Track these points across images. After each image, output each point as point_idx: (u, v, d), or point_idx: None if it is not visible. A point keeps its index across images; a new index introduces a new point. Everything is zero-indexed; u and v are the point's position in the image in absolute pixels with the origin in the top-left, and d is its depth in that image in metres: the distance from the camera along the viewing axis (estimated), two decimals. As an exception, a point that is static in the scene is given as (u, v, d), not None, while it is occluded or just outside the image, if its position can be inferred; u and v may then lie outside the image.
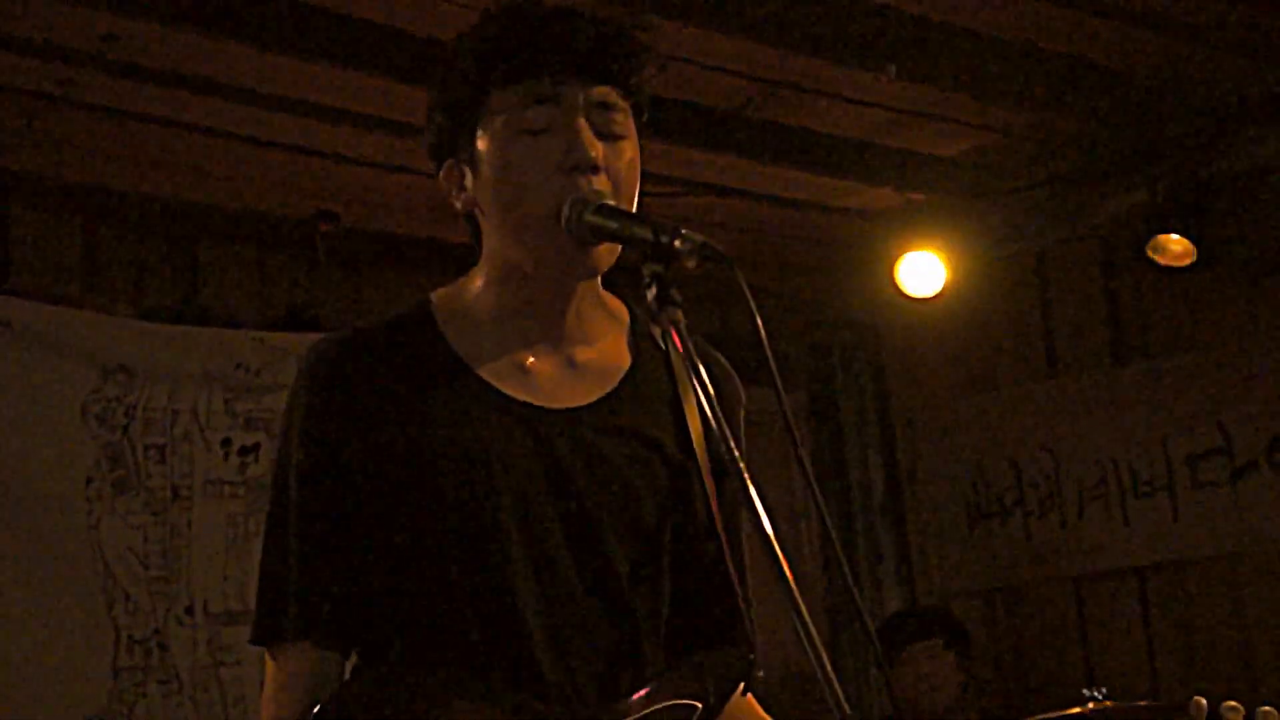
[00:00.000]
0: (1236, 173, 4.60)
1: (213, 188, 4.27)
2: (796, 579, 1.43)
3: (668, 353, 1.84)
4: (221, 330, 4.36)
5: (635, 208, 1.75)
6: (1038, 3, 3.84)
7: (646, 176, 5.19)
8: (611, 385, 1.82)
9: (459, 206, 1.82)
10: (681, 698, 1.74)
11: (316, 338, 1.89)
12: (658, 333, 1.77)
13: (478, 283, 1.83)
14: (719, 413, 1.52)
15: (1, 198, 4.13)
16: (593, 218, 1.66)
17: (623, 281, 1.84)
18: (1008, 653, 5.18)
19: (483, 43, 1.76)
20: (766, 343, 1.51)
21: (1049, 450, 5.15)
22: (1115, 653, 4.94)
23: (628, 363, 1.85)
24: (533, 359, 1.80)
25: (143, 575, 4.14)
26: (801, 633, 1.41)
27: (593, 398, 1.80)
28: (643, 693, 1.74)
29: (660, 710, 1.72)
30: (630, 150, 1.75)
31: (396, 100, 3.71)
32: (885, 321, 5.59)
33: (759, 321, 1.51)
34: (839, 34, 3.88)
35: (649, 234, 1.58)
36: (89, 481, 4.12)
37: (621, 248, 1.71)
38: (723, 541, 1.82)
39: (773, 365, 1.52)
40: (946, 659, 4.56)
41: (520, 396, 1.76)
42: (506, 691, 1.67)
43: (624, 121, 1.75)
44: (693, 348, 1.54)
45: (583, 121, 1.71)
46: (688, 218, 4.66)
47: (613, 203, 1.69)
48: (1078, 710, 2.69)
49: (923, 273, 4.94)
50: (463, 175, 1.79)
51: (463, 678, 1.67)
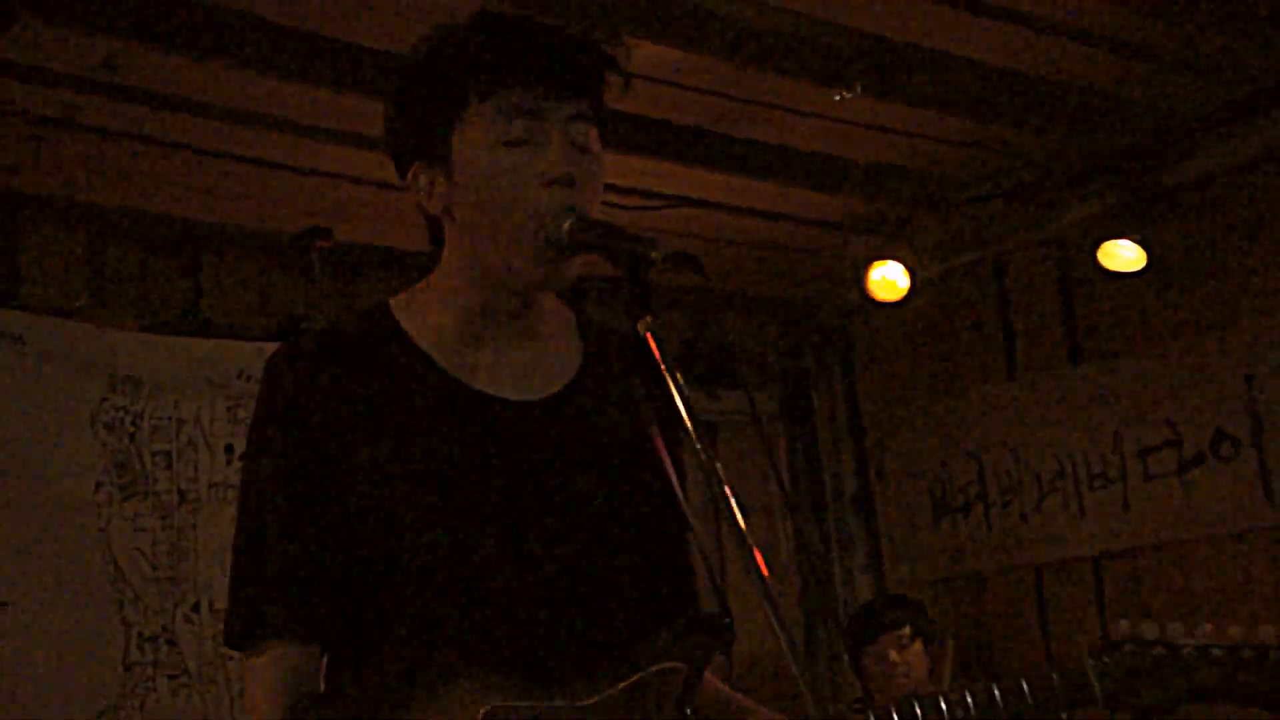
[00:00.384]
0: (1182, 184, 4.61)
1: (213, 206, 4.26)
2: (771, 571, 1.44)
3: (613, 351, 1.88)
4: (223, 341, 4.35)
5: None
6: (995, 24, 3.83)
7: (628, 190, 5.11)
8: (567, 380, 1.82)
9: (430, 209, 1.79)
10: (667, 661, 1.73)
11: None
12: (612, 336, 1.89)
13: (442, 284, 1.82)
14: (691, 409, 1.51)
15: (11, 217, 4.14)
16: (574, 230, 1.66)
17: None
18: (971, 638, 5.15)
19: (465, 51, 1.74)
20: (738, 348, 1.53)
21: (1009, 446, 5.17)
22: (1073, 636, 4.91)
23: (579, 360, 1.85)
24: (496, 355, 1.80)
25: (151, 575, 4.14)
26: (774, 623, 1.41)
27: (552, 391, 1.80)
28: (628, 662, 1.73)
29: (650, 675, 1.71)
30: (598, 162, 1.74)
31: (389, 122, 3.73)
32: (855, 325, 5.61)
33: (731, 328, 1.53)
34: (807, 53, 3.88)
35: (626, 245, 1.59)
36: (99, 487, 4.12)
37: (595, 258, 1.69)
38: (686, 521, 1.82)
39: (745, 370, 1.52)
40: (914, 647, 4.54)
41: (488, 390, 1.76)
42: (503, 672, 1.65)
43: (594, 135, 1.74)
44: (659, 350, 1.53)
45: (561, 136, 1.71)
46: (666, 229, 4.67)
47: (591, 215, 1.69)
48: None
49: (889, 279, 4.92)
50: (432, 180, 1.76)
51: (458, 662, 1.65)
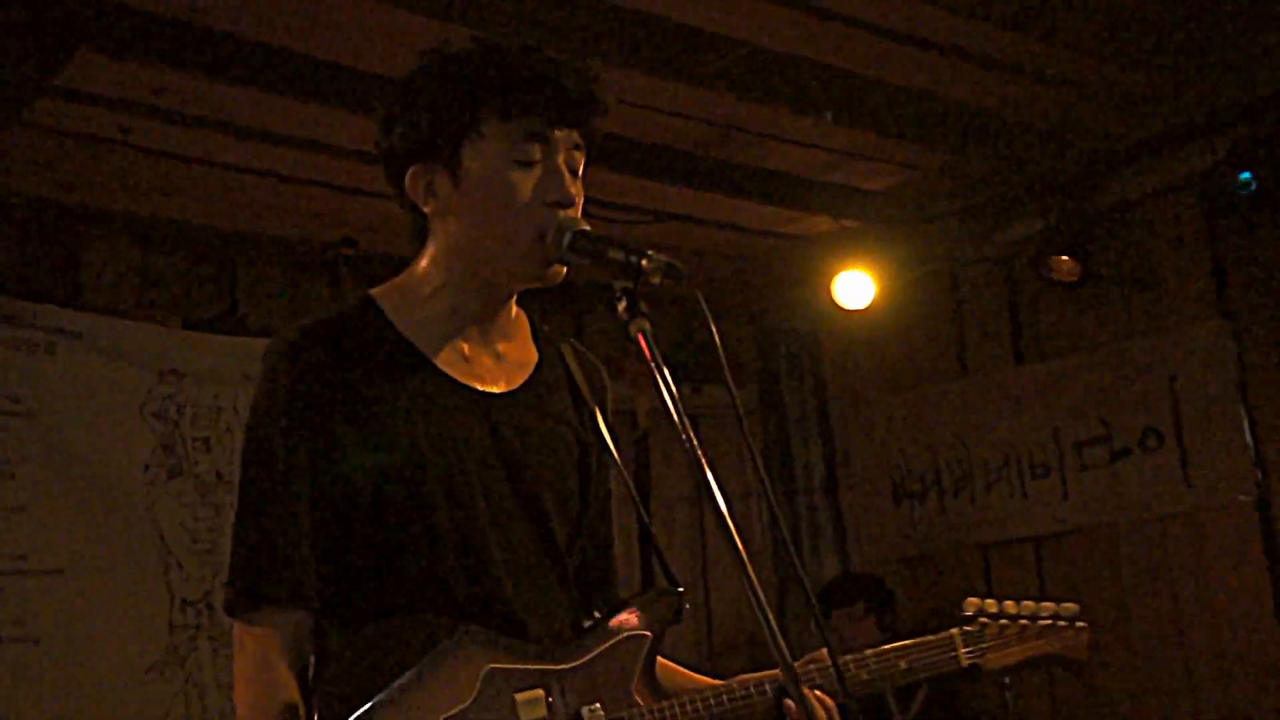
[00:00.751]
0: (1114, 205, 4.62)
1: (249, 217, 4.28)
2: (747, 550, 1.46)
3: (557, 352, 1.90)
4: (257, 339, 4.29)
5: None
6: (950, 62, 3.85)
7: (622, 206, 5.11)
8: (527, 375, 1.83)
9: (428, 205, 1.75)
10: (636, 630, 1.76)
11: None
12: (557, 335, 1.92)
13: (429, 281, 1.78)
14: (671, 397, 1.51)
15: (72, 230, 4.14)
16: (575, 242, 1.67)
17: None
18: (927, 610, 5.10)
19: (489, 73, 1.72)
20: (720, 348, 1.54)
21: (960, 439, 5.17)
22: None
23: (535, 357, 1.86)
24: (470, 350, 1.79)
25: (192, 547, 4.16)
26: (750, 596, 1.43)
27: (516, 384, 1.81)
28: (598, 628, 1.75)
29: (619, 642, 1.74)
30: (581, 185, 1.76)
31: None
32: (823, 329, 5.61)
33: (714, 330, 1.54)
34: (784, 86, 3.89)
35: (620, 255, 1.59)
36: (146, 468, 4.13)
37: (576, 267, 1.72)
38: (609, 504, 1.90)
39: (726, 368, 1.54)
40: (866, 622, 4.53)
41: (466, 381, 1.76)
42: (497, 633, 1.67)
43: (583, 160, 1.76)
44: (650, 350, 1.54)
45: (563, 162, 1.72)
46: (656, 242, 4.69)
47: (588, 229, 1.69)
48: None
49: (855, 288, 4.95)
50: (431, 181, 1.74)
51: (453, 625, 1.65)
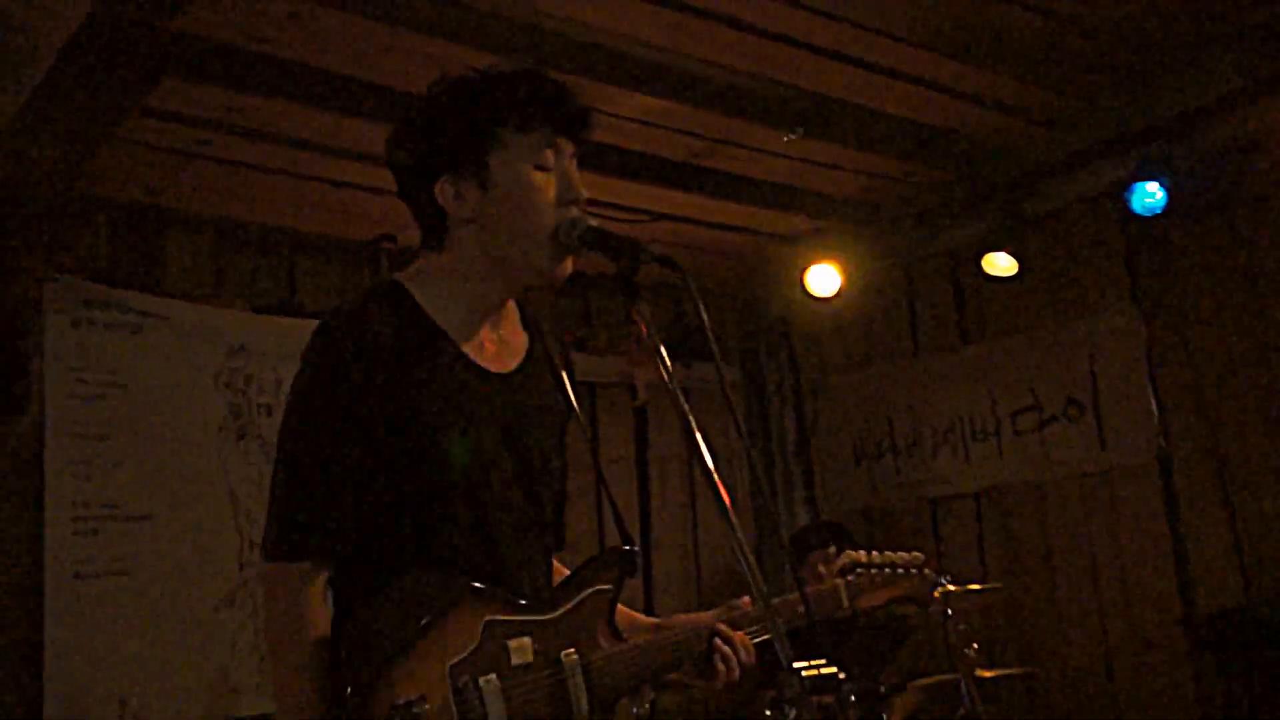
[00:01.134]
0: (1045, 211, 4.61)
1: (306, 217, 4.28)
2: (731, 503, 1.49)
3: (543, 338, 1.88)
4: (312, 321, 4.20)
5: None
6: (904, 86, 3.87)
7: (624, 208, 5.08)
8: (522, 357, 1.82)
9: (457, 210, 1.72)
10: (602, 584, 1.77)
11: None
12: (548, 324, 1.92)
13: (455, 272, 1.75)
14: (666, 371, 1.53)
15: (158, 229, 4.14)
16: (584, 235, 1.69)
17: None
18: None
19: (503, 94, 1.71)
20: (710, 330, 1.56)
21: (912, 408, 5.19)
22: (959, 552, 4.95)
23: (526, 341, 1.85)
24: (484, 335, 1.77)
25: (258, 497, 4.12)
26: (734, 542, 1.48)
27: (514, 365, 1.80)
28: (570, 583, 1.75)
29: (589, 595, 1.74)
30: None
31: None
32: (797, 315, 5.58)
33: (704, 315, 1.55)
34: (763, 104, 3.90)
35: (623, 247, 1.61)
36: (219, 431, 4.14)
37: (589, 261, 1.71)
38: (598, 470, 1.93)
39: (714, 347, 1.58)
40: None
41: (480, 362, 1.74)
42: (494, 588, 1.66)
43: (577, 168, 1.77)
44: (648, 330, 1.54)
45: (569, 167, 1.73)
46: (653, 238, 4.67)
47: (595, 224, 1.70)
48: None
49: (823, 280, 4.96)
50: (459, 189, 1.71)
51: (460, 581, 1.64)
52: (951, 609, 3.75)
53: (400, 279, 1.76)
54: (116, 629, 3.72)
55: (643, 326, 1.55)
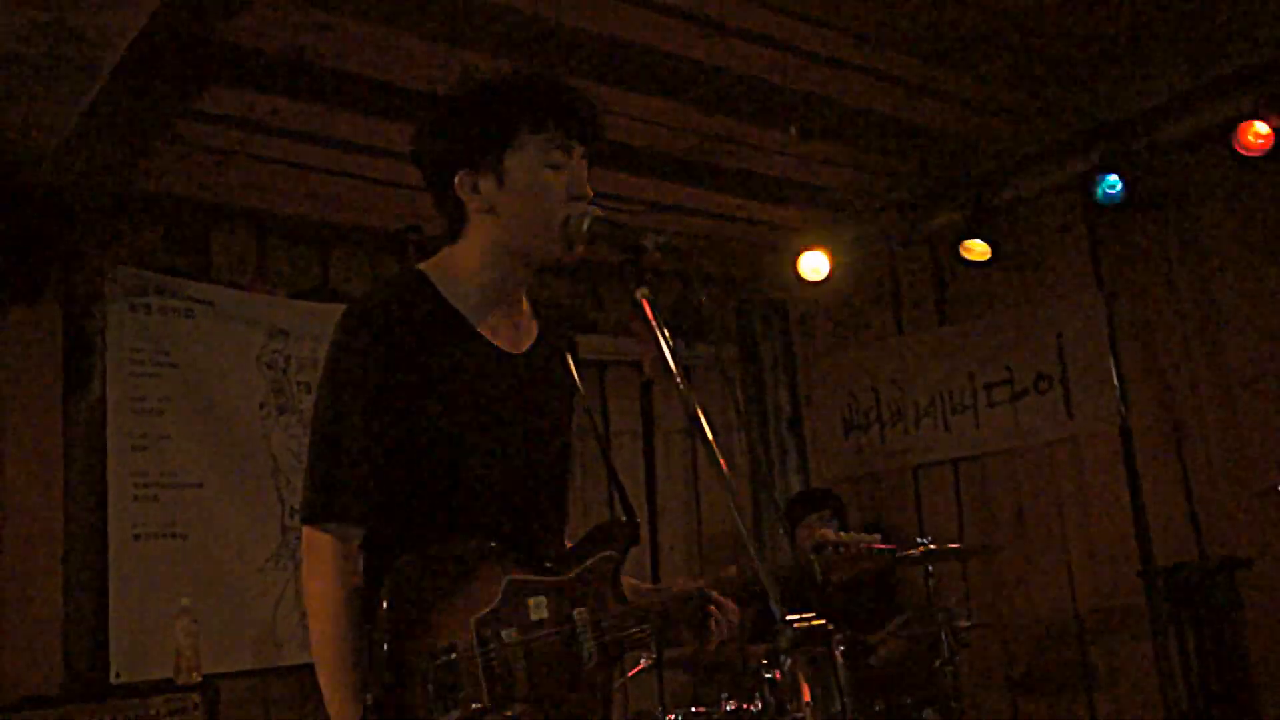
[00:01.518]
0: (1016, 201, 4.62)
1: (340, 211, 4.27)
2: (729, 472, 1.48)
3: (552, 323, 1.88)
4: (346, 304, 4.24)
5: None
6: (888, 87, 3.87)
7: (629, 200, 5.01)
8: (533, 340, 1.81)
9: (473, 202, 1.72)
10: (609, 550, 1.77)
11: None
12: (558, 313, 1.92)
13: (471, 261, 1.75)
14: (669, 350, 1.52)
15: (205, 221, 4.16)
16: (593, 226, 1.69)
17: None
18: (870, 518, 5.18)
19: (520, 96, 1.71)
20: (708, 312, 1.61)
21: (897, 383, 5.17)
22: (938, 514, 4.96)
23: (537, 326, 1.84)
24: (499, 319, 1.77)
25: (297, 467, 4.11)
26: (731, 507, 1.47)
27: (526, 347, 1.79)
28: (581, 549, 1.75)
29: (597, 560, 1.75)
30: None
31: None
32: (790, 297, 5.56)
33: (703, 297, 1.61)
34: (759, 105, 3.89)
35: (629, 236, 1.61)
36: (262, 406, 4.16)
37: (592, 247, 1.71)
38: (603, 448, 1.93)
39: (712, 327, 1.59)
40: (831, 526, 4.35)
41: (498, 345, 1.75)
42: (514, 550, 1.67)
43: (587, 168, 1.78)
44: (652, 313, 1.54)
45: (580, 166, 1.73)
46: (657, 228, 4.73)
47: (602, 215, 1.70)
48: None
49: (815, 265, 4.96)
50: (476, 183, 1.71)
51: (485, 544, 1.64)
52: (932, 566, 3.82)
53: (423, 268, 1.76)
54: (172, 585, 3.77)
55: (647, 309, 1.54)
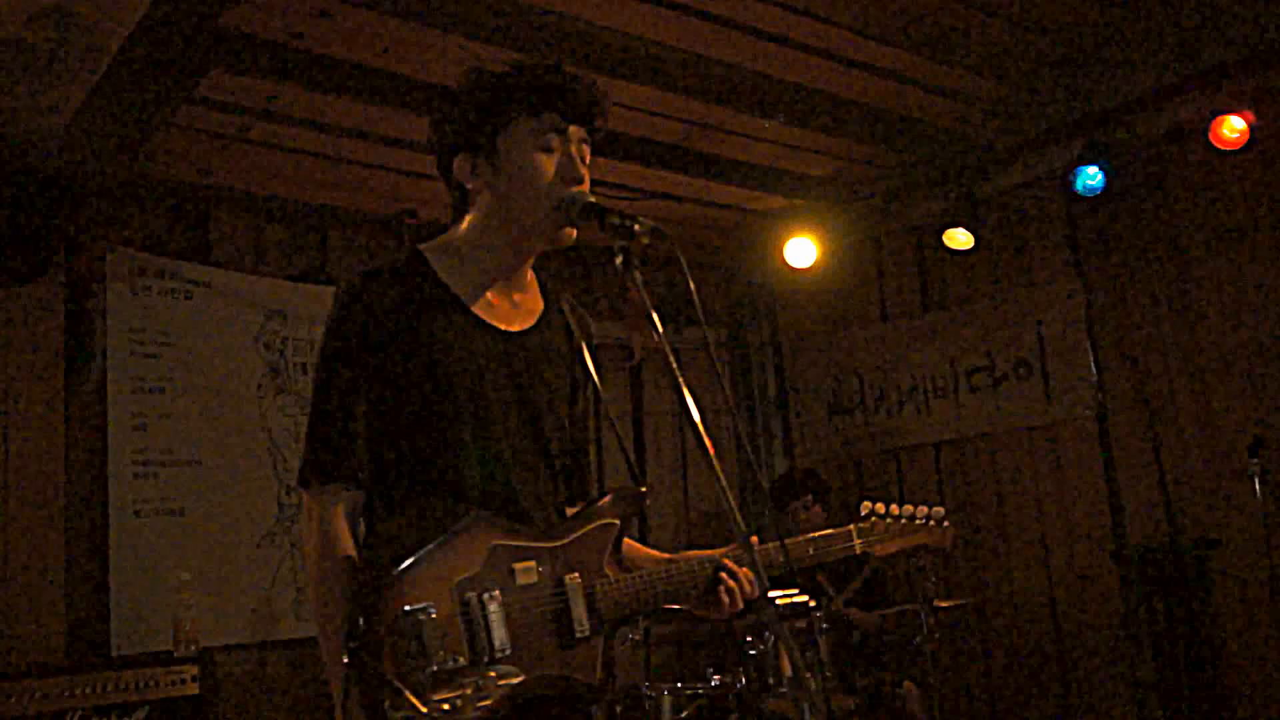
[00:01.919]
0: (998, 191, 4.64)
1: (337, 195, 4.28)
2: (716, 453, 1.47)
3: (557, 302, 1.87)
4: None
5: None
6: (874, 78, 3.91)
7: (621, 186, 5.03)
8: (535, 318, 1.81)
9: (471, 183, 1.74)
10: (608, 518, 1.75)
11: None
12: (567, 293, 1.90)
13: (469, 242, 1.76)
14: (658, 333, 1.53)
15: (205, 204, 4.17)
16: (584, 210, 1.68)
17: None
18: (854, 499, 5.14)
19: (518, 83, 1.72)
20: (696, 297, 1.58)
21: (880, 368, 5.20)
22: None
23: (541, 305, 1.84)
24: (495, 297, 1.77)
25: (294, 446, 4.18)
26: (719, 488, 1.46)
27: (527, 325, 1.79)
28: (579, 516, 1.73)
29: (595, 527, 1.72)
30: (589, 170, 1.77)
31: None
32: (776, 283, 5.59)
33: (691, 282, 1.57)
34: (746, 93, 3.91)
35: (618, 220, 1.61)
36: (259, 386, 4.18)
37: (588, 233, 1.71)
38: (611, 423, 1.90)
39: (700, 311, 1.60)
40: (815, 508, 4.46)
41: (491, 322, 1.75)
42: (502, 517, 1.66)
43: (588, 151, 1.77)
44: (642, 296, 1.55)
45: (575, 150, 1.73)
46: (646, 213, 4.75)
47: (594, 200, 1.70)
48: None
49: (801, 252, 4.97)
50: (475, 165, 1.74)
51: (472, 509, 1.64)
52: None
53: (422, 248, 1.78)
54: (171, 561, 3.80)
55: (636, 293, 1.54)
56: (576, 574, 1.66)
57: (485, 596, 1.58)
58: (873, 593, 4.27)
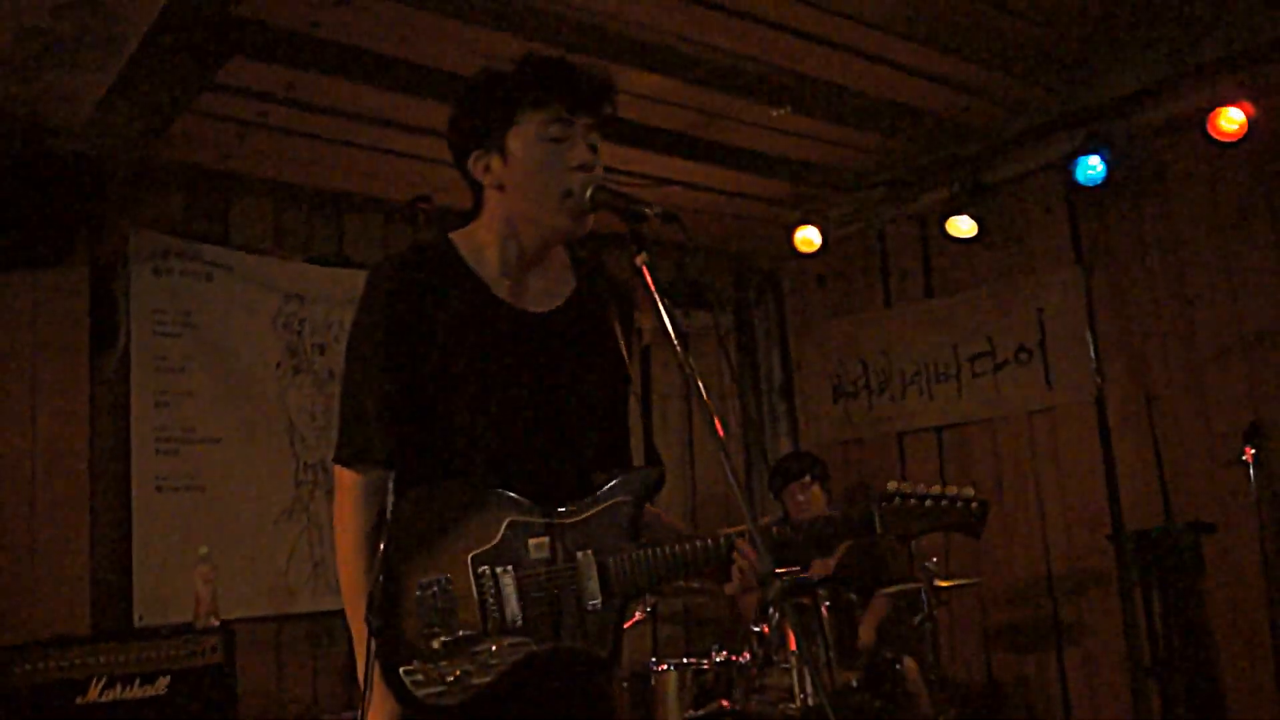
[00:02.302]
0: (1001, 180, 4.63)
1: (353, 180, 4.29)
2: (723, 435, 1.47)
3: (592, 281, 1.86)
4: (358, 270, 4.22)
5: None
6: (880, 68, 3.88)
7: (630, 173, 5.02)
8: (564, 300, 1.82)
9: (486, 180, 1.76)
10: (624, 496, 1.74)
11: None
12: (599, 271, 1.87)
13: (487, 231, 1.78)
14: (667, 317, 1.52)
15: (224, 189, 4.17)
16: (595, 195, 1.69)
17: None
18: (855, 481, 5.23)
19: (524, 76, 1.73)
20: (705, 282, 1.64)
21: (884, 353, 5.20)
22: (922, 478, 4.75)
23: (572, 286, 1.84)
24: (522, 282, 1.79)
25: (311, 425, 4.22)
26: (726, 468, 1.47)
27: (554, 306, 1.80)
28: (595, 495, 1.72)
29: (610, 505, 1.72)
30: (599, 156, 1.77)
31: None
32: (783, 269, 5.61)
33: (700, 268, 1.63)
34: (755, 84, 3.91)
35: (630, 205, 1.60)
36: (278, 366, 4.20)
37: (607, 216, 1.71)
38: (631, 400, 1.88)
39: (709, 296, 1.62)
40: (814, 488, 4.42)
41: (516, 304, 1.77)
42: (518, 495, 1.67)
43: (599, 140, 1.77)
44: (652, 280, 1.55)
45: (583, 139, 1.73)
46: (659, 199, 4.72)
47: (604, 184, 1.71)
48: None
49: (808, 238, 4.96)
50: (488, 163, 1.74)
51: (489, 487, 1.65)
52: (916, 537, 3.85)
53: (452, 235, 1.80)
54: (192, 535, 3.82)
55: (647, 277, 1.54)
56: (589, 550, 1.68)
57: (499, 570, 1.61)
58: (863, 563, 4.27)
